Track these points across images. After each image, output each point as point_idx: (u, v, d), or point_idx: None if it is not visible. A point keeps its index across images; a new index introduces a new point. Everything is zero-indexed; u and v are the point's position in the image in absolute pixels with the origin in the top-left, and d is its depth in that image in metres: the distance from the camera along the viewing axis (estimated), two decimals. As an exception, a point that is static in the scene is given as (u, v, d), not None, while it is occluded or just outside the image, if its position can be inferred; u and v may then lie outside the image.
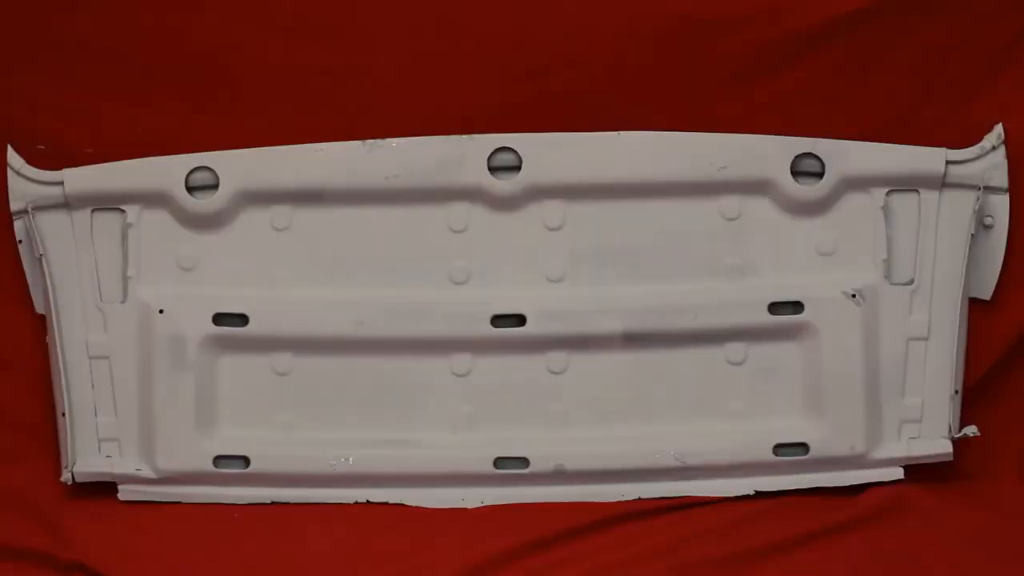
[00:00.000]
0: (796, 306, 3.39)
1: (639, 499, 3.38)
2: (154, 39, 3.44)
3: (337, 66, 3.46)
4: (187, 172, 3.37)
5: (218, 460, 3.38)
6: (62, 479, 3.38)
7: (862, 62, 3.46)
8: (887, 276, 3.39)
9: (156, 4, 3.44)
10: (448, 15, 3.44)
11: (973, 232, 3.39)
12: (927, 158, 3.39)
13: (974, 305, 3.45)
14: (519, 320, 3.40)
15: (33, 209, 3.38)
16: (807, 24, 3.43)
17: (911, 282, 3.40)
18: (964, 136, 3.44)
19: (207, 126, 3.46)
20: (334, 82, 3.46)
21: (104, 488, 3.40)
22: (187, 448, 3.37)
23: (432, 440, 3.42)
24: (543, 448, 3.40)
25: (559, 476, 3.39)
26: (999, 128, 3.42)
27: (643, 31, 3.44)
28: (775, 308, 3.39)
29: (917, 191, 3.40)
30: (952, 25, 3.45)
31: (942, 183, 3.39)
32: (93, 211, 3.39)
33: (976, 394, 3.49)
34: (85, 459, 3.39)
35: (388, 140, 3.39)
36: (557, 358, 3.42)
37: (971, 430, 3.37)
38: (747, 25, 3.44)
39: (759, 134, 3.41)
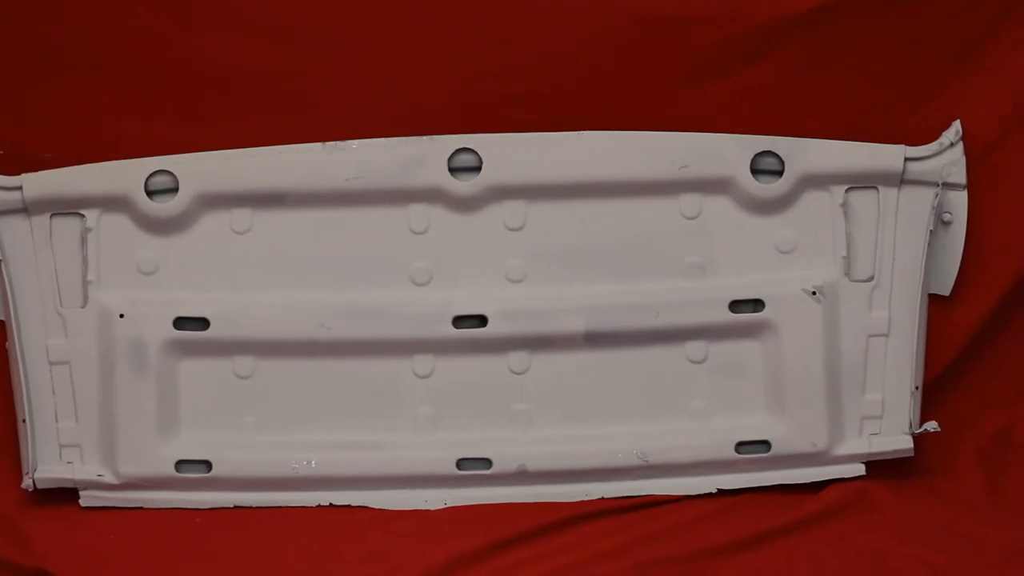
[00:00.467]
0: (757, 304, 3.40)
1: (602, 498, 3.39)
2: (112, 43, 3.43)
3: (297, 68, 3.45)
4: (146, 176, 3.36)
5: (180, 465, 3.38)
6: (23, 486, 3.37)
7: (820, 60, 3.47)
8: (847, 273, 3.40)
9: (114, 8, 3.42)
10: (407, 16, 3.44)
11: (932, 228, 3.40)
12: (886, 155, 3.40)
13: (933, 301, 3.47)
14: (481, 321, 3.40)
15: (-9, 214, 3.38)
16: (766, 22, 3.44)
17: (871, 279, 3.41)
18: (922, 133, 3.45)
19: (166, 129, 3.45)
20: (294, 84, 3.46)
21: (66, 494, 3.39)
22: (149, 453, 3.36)
23: (395, 442, 3.42)
24: (506, 449, 3.40)
25: (522, 476, 3.40)
26: (957, 124, 3.43)
27: (603, 31, 3.44)
28: (736, 306, 3.40)
29: (876, 188, 3.41)
30: (910, 23, 3.46)
31: (901, 180, 3.40)
32: (52, 216, 3.38)
33: (936, 390, 3.51)
34: (46, 465, 3.38)
35: (348, 142, 3.39)
36: (519, 358, 3.42)
37: (931, 426, 3.38)
38: (707, 24, 3.44)
39: (719, 133, 3.41)
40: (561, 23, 3.44)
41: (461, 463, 3.39)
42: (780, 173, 3.40)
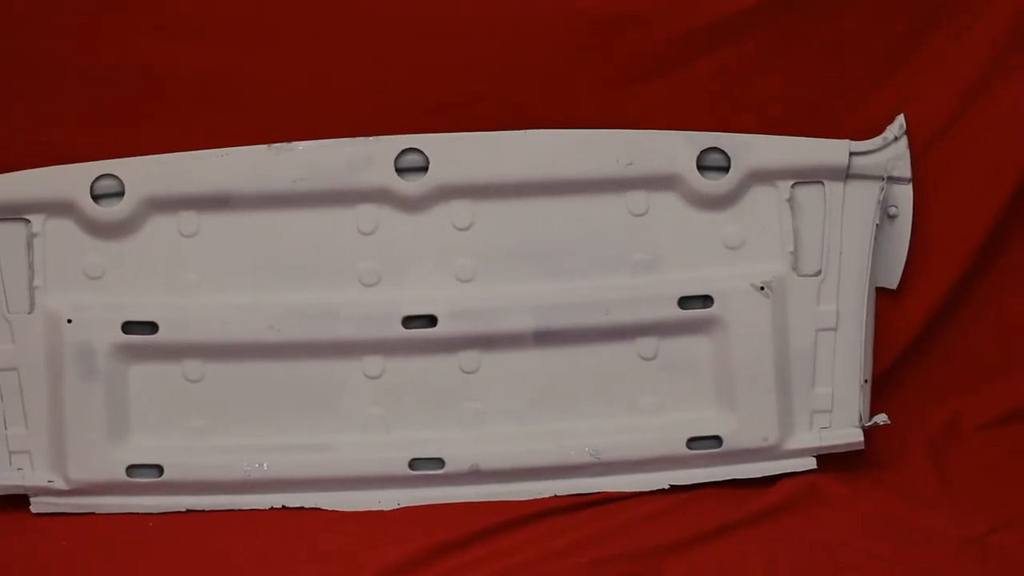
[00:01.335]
0: (706, 300, 3.40)
1: (555, 496, 3.39)
2: (55, 47, 3.41)
3: (241, 70, 3.44)
4: (92, 180, 3.35)
5: (131, 469, 3.36)
6: (-28, 493, 3.35)
7: (764, 55, 3.48)
8: (795, 268, 3.42)
9: (56, 11, 3.40)
10: (350, 16, 3.43)
11: (878, 222, 3.42)
12: (831, 150, 3.42)
13: (881, 294, 3.49)
14: (430, 321, 3.39)
15: (-64, 220, 3.35)
16: (709, 19, 3.44)
17: (818, 273, 3.42)
18: (867, 127, 3.47)
19: (111, 133, 3.43)
20: (239, 86, 3.45)
21: (16, 501, 3.37)
22: (99, 458, 3.35)
23: (346, 443, 3.41)
24: (458, 448, 3.40)
25: (475, 476, 3.40)
26: (901, 118, 3.45)
27: (547, 29, 3.44)
28: (685, 302, 3.41)
29: (822, 183, 3.42)
30: (852, 17, 3.48)
31: (846, 174, 3.42)
32: (-3, 221, 3.37)
33: (885, 383, 3.53)
34: (-5, 472, 3.36)
35: (294, 143, 3.38)
36: (469, 357, 3.42)
37: (881, 418, 3.40)
38: (650, 21, 3.44)
39: (665, 130, 3.42)
40: (507, 21, 3.44)
41: (413, 463, 3.39)
42: (726, 169, 3.41)
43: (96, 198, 3.35)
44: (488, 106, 3.46)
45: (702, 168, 3.40)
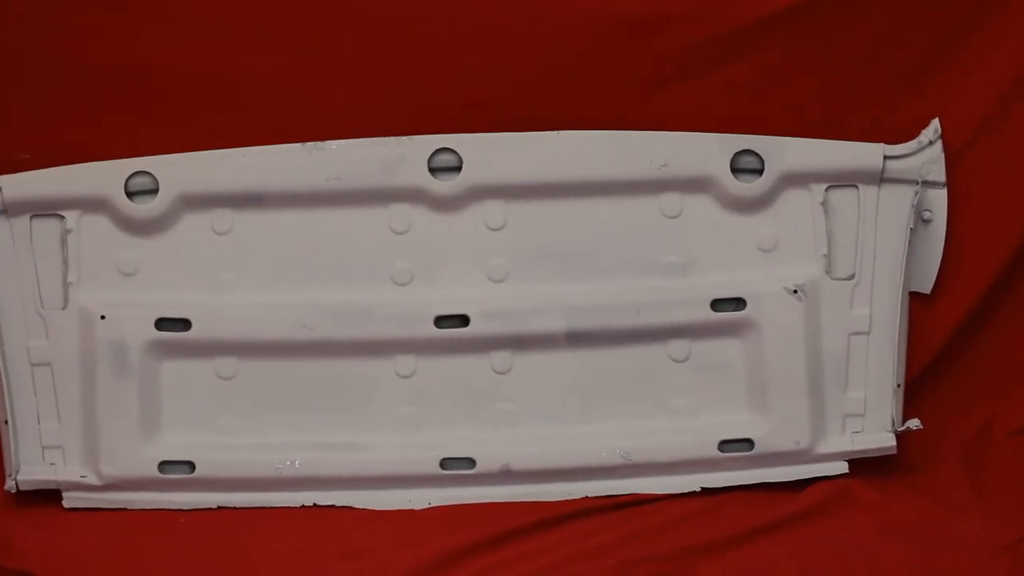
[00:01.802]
0: (738, 302, 3.40)
1: (585, 497, 3.39)
2: (92, 44, 3.42)
3: (278, 69, 3.45)
4: (126, 177, 3.36)
5: (163, 466, 3.37)
6: (6, 487, 3.37)
7: (800, 57, 3.47)
8: (828, 271, 3.41)
9: (94, 10, 3.41)
10: (385, 17, 3.43)
11: (912, 226, 3.40)
12: (865, 153, 3.41)
13: (914, 299, 3.48)
14: (462, 320, 3.40)
15: (-29, 216, 3.37)
16: (744, 20, 3.43)
17: (852, 277, 3.41)
18: (902, 131, 3.46)
19: (147, 130, 3.44)
20: (274, 85, 3.45)
21: (49, 496, 3.39)
22: (131, 454, 3.36)
23: (378, 442, 3.41)
24: (489, 448, 3.40)
25: (505, 476, 3.40)
26: (936, 123, 3.44)
27: (581, 30, 3.43)
28: (717, 305, 3.40)
29: (856, 186, 3.41)
30: (888, 20, 3.46)
31: (881, 178, 3.41)
32: (32, 217, 3.37)
33: (918, 387, 3.51)
34: (29, 467, 3.38)
35: (328, 142, 3.39)
36: (501, 358, 3.42)
37: (914, 423, 3.39)
38: (685, 22, 3.44)
39: (699, 132, 3.42)
40: (541, 22, 3.44)
41: (445, 463, 3.39)
42: (760, 172, 3.40)
43: (130, 195, 3.37)
44: (522, 107, 3.45)
45: (736, 170, 3.40)
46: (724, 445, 3.41)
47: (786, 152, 3.39)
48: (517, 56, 3.44)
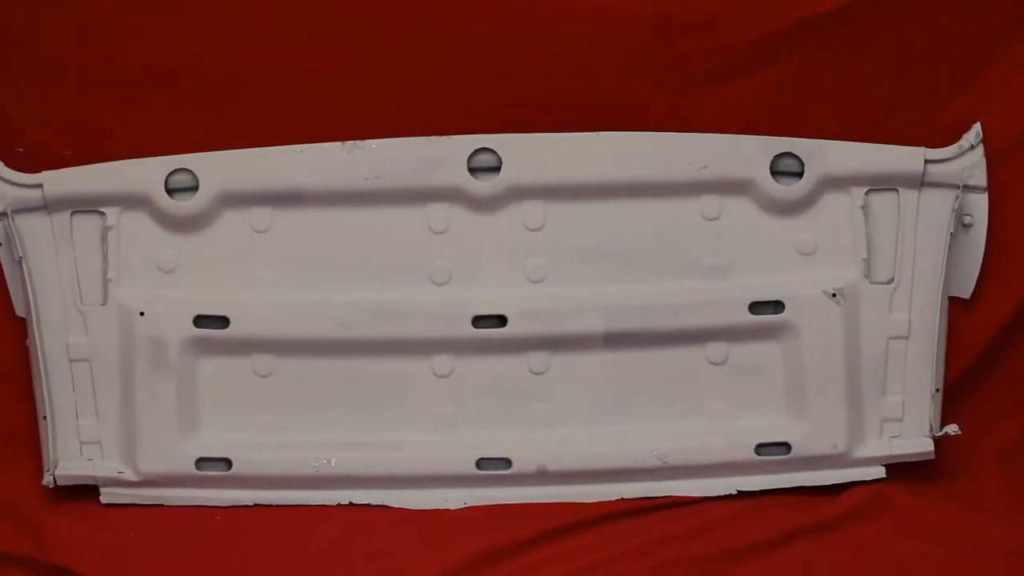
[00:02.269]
0: (777, 305, 3.39)
1: (621, 499, 3.39)
2: (133, 42, 3.44)
3: (317, 68, 3.45)
4: (167, 174, 3.37)
5: (200, 462, 3.38)
6: (44, 482, 3.38)
7: (840, 61, 3.46)
8: (867, 275, 3.40)
9: (135, 8, 3.43)
10: (427, 16, 3.44)
11: (952, 231, 3.39)
12: (906, 157, 3.40)
13: (954, 304, 3.46)
14: (500, 321, 3.40)
15: (12, 212, 3.38)
16: (785, 23, 3.43)
17: (891, 281, 3.41)
18: (942, 135, 3.44)
19: (187, 128, 3.45)
20: (314, 84, 3.46)
21: (86, 491, 3.40)
22: (169, 450, 3.37)
23: (414, 441, 3.42)
24: (525, 449, 3.40)
25: (542, 476, 3.40)
26: (977, 127, 3.43)
27: (624, 30, 3.44)
28: (756, 307, 3.40)
29: (896, 190, 3.41)
30: (930, 24, 3.46)
31: (921, 182, 3.40)
32: (73, 213, 3.39)
33: (956, 392, 3.50)
34: (67, 462, 3.39)
35: (368, 141, 3.39)
36: (538, 358, 3.42)
37: (952, 429, 3.37)
38: (725, 25, 3.44)
39: (739, 134, 3.41)
40: (581, 23, 3.44)
41: (481, 463, 3.40)
42: (800, 175, 3.40)
43: (171, 192, 3.38)
44: (562, 107, 3.46)
45: (776, 173, 3.39)
46: (761, 448, 3.40)
47: (826, 155, 3.39)
48: (558, 56, 3.44)
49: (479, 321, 3.40)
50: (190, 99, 3.46)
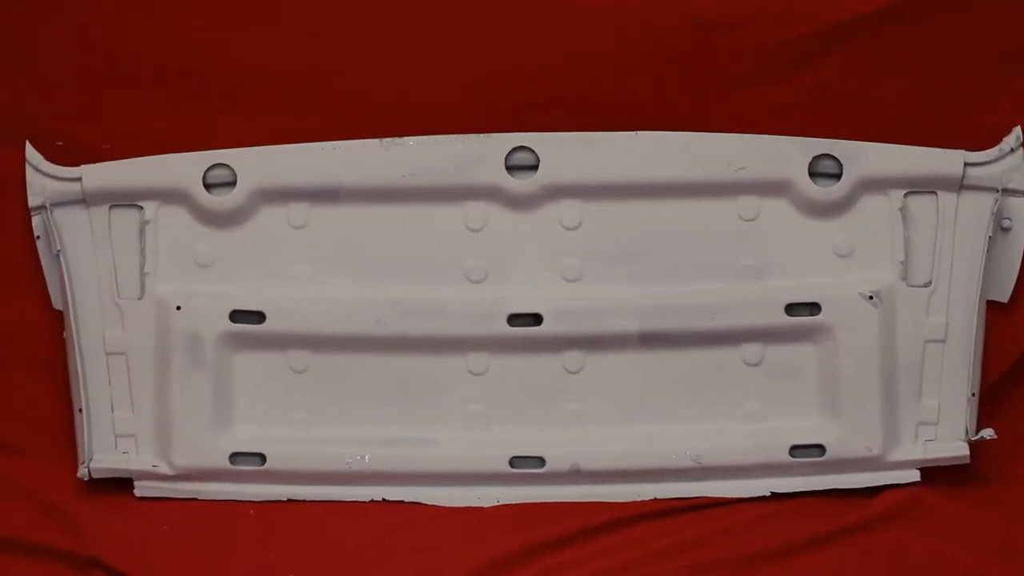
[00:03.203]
0: (813, 307, 3.38)
1: (655, 499, 3.38)
2: (173, 38, 3.44)
3: (354, 65, 3.46)
4: (205, 169, 3.38)
5: (234, 457, 3.39)
6: (79, 475, 3.39)
7: (880, 62, 3.45)
8: (904, 278, 3.39)
9: (176, 4, 3.44)
10: (466, 13, 3.44)
11: (991, 234, 3.38)
12: (945, 160, 3.38)
13: (991, 307, 3.45)
14: (535, 319, 3.39)
15: (51, 205, 3.39)
16: (824, 24, 3.42)
17: (928, 284, 3.39)
18: (982, 138, 3.43)
19: (226, 123, 3.46)
20: (352, 81, 3.46)
21: (120, 484, 3.41)
22: (203, 445, 3.38)
23: (448, 439, 3.42)
24: (559, 447, 3.40)
25: (575, 475, 3.39)
26: (1017, 130, 3.41)
27: (662, 30, 3.43)
28: (792, 309, 3.39)
29: (935, 193, 3.39)
30: (969, 26, 3.45)
31: (960, 185, 3.38)
32: (111, 207, 3.40)
33: (993, 397, 3.48)
34: (102, 455, 3.40)
35: (405, 138, 3.40)
36: (573, 357, 3.42)
37: (988, 433, 3.36)
38: (764, 25, 3.43)
39: (777, 135, 3.40)
40: (618, 22, 3.44)
41: (514, 461, 3.39)
42: (838, 176, 3.39)
43: (209, 187, 3.39)
44: (600, 107, 3.45)
45: (814, 175, 3.38)
46: (795, 450, 3.39)
47: (865, 157, 3.37)
48: (596, 55, 3.44)
49: (514, 319, 3.40)
50: (228, 95, 3.47)
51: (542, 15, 3.44)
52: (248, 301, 3.39)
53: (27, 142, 3.42)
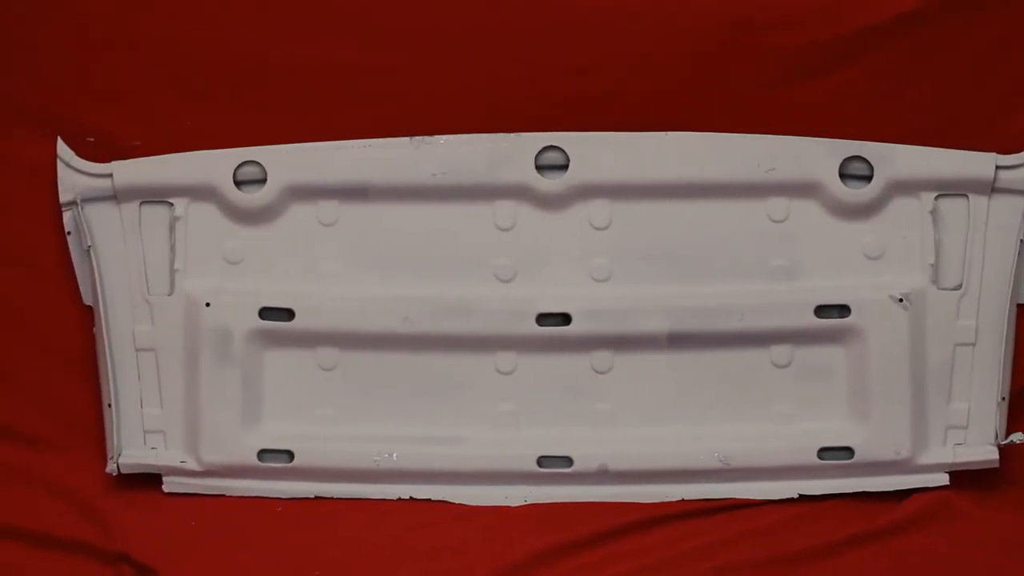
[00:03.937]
0: (843, 309, 3.38)
1: (682, 500, 3.37)
2: (203, 34, 3.45)
3: (385, 64, 3.46)
4: (235, 166, 3.39)
5: (262, 454, 3.39)
6: (107, 470, 3.40)
7: (911, 65, 3.44)
8: (935, 281, 3.38)
9: (207, 1, 3.45)
10: (497, 12, 3.44)
11: (1022, 238, 3.37)
12: (977, 162, 3.37)
13: (1022, 311, 3.43)
14: (564, 319, 3.39)
15: (82, 201, 3.40)
16: (855, 26, 3.41)
17: (959, 287, 3.38)
18: (1015, 141, 3.41)
19: (256, 120, 3.46)
20: (382, 79, 3.46)
21: (149, 479, 3.41)
22: (232, 441, 3.38)
23: (476, 437, 3.42)
24: (587, 447, 3.40)
25: (603, 475, 3.39)
26: (1050, 133, 3.41)
27: (693, 31, 3.42)
28: (822, 311, 3.38)
29: (966, 196, 3.38)
30: (1002, 28, 3.43)
31: (992, 188, 3.37)
32: (141, 203, 3.41)
33: (1022, 401, 3.46)
34: (130, 450, 3.41)
35: (435, 137, 3.40)
36: (602, 357, 3.41)
37: (1017, 437, 3.35)
38: (795, 26, 3.42)
39: (807, 136, 3.40)
40: (649, 22, 3.43)
41: (542, 460, 3.39)
42: (869, 178, 3.38)
43: (239, 184, 3.39)
44: (629, 107, 3.45)
45: (844, 176, 3.38)
46: (824, 452, 3.38)
47: (896, 159, 3.36)
48: (625, 55, 3.44)
49: (543, 319, 3.40)
50: (259, 92, 3.47)
51: (573, 14, 3.44)
52: (277, 298, 3.40)
53: (58, 138, 3.43)
